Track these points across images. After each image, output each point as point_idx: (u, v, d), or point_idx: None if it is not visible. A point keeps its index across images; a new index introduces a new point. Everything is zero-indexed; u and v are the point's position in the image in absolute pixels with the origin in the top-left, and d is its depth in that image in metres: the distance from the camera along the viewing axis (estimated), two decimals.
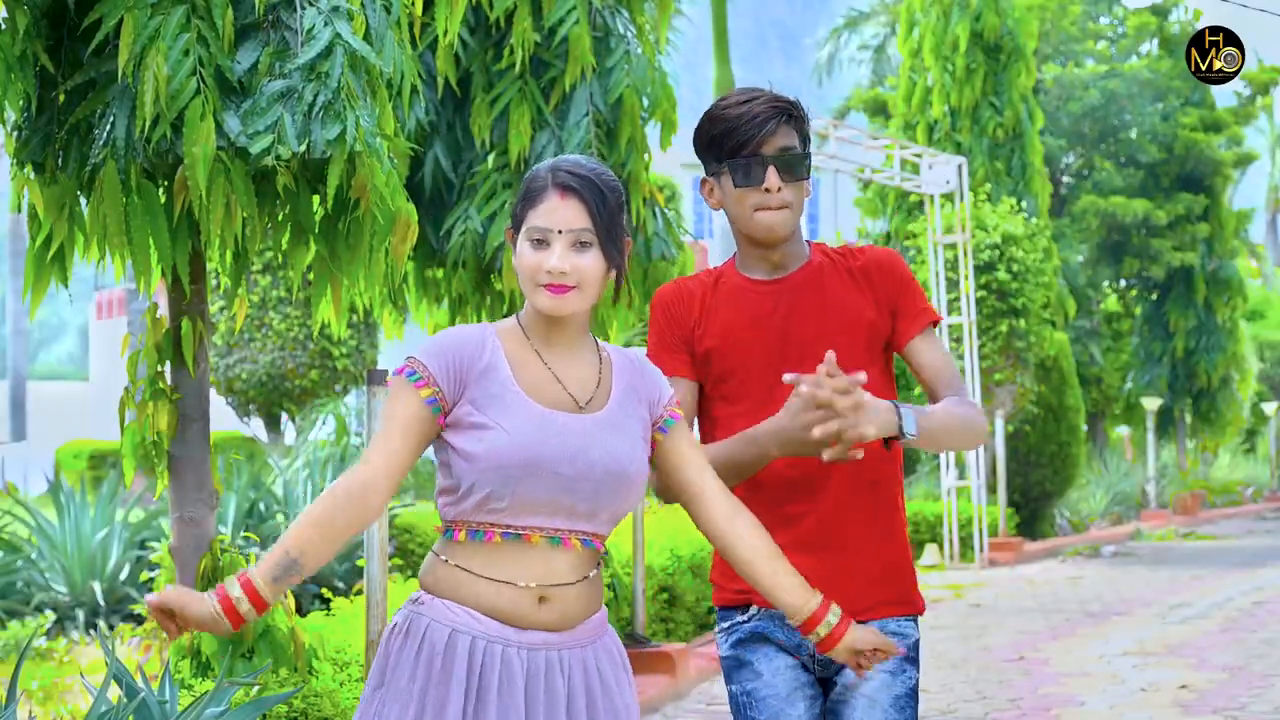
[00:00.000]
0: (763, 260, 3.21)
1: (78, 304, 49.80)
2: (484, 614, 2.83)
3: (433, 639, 2.83)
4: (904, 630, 3.21)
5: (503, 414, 2.82)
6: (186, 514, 5.00)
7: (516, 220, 2.91)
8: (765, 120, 3.10)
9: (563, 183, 2.87)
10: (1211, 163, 25.07)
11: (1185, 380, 25.34)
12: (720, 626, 3.27)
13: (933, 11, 18.81)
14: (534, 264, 2.84)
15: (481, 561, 2.85)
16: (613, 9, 7.65)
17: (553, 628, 2.86)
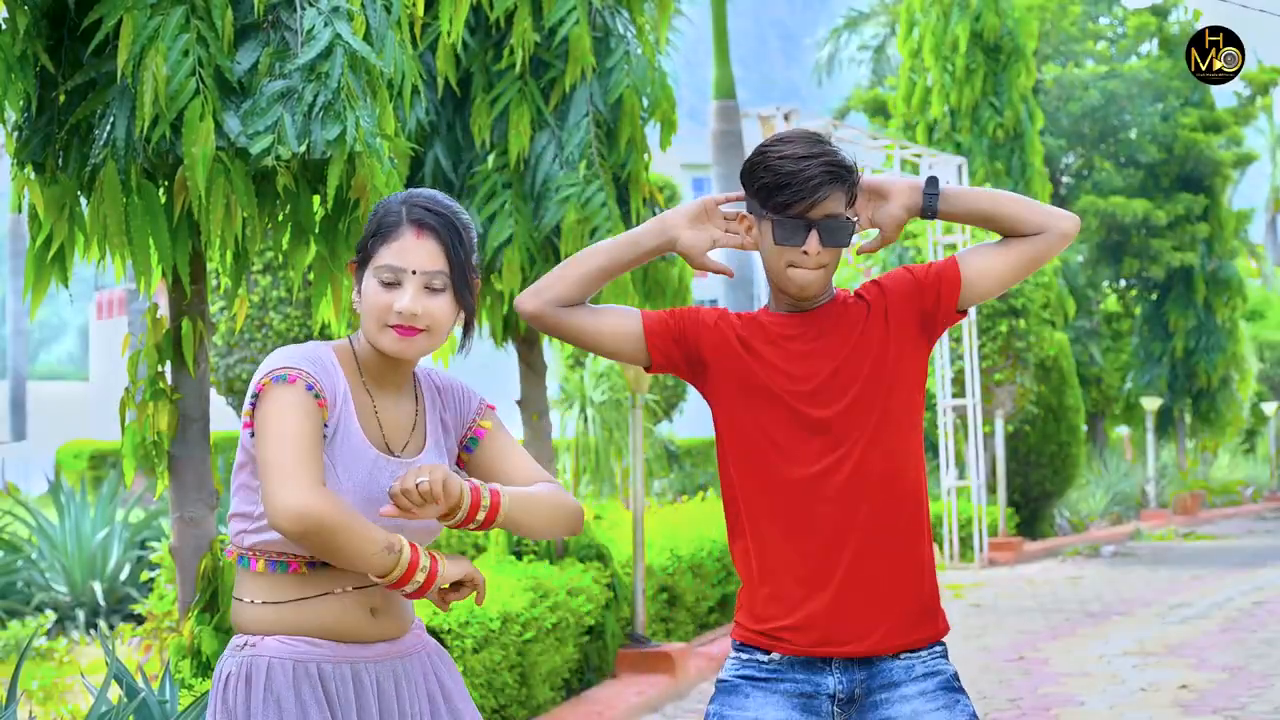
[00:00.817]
0: (791, 306, 3.19)
1: (78, 304, 49.80)
2: (321, 638, 2.71)
3: (275, 675, 2.67)
4: (938, 667, 3.16)
5: (341, 456, 2.70)
6: (187, 514, 5.00)
7: (364, 253, 2.76)
8: (818, 186, 3.05)
9: (419, 219, 2.73)
10: (1211, 163, 25.07)
11: (1185, 380, 25.34)
12: (736, 654, 3.19)
13: (933, 12, 18.81)
14: (383, 304, 2.70)
15: (288, 588, 2.71)
16: (613, 9, 7.65)
17: (389, 636, 2.77)
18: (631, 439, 8.89)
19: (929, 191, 3.17)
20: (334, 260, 4.76)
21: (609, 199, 7.34)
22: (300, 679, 2.68)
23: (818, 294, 3.15)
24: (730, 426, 3.17)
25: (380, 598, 2.75)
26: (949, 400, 16.07)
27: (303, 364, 2.70)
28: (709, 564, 10.04)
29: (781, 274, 3.12)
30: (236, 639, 2.75)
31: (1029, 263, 3.21)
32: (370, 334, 2.74)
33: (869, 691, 3.14)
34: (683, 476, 19.39)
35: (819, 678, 3.12)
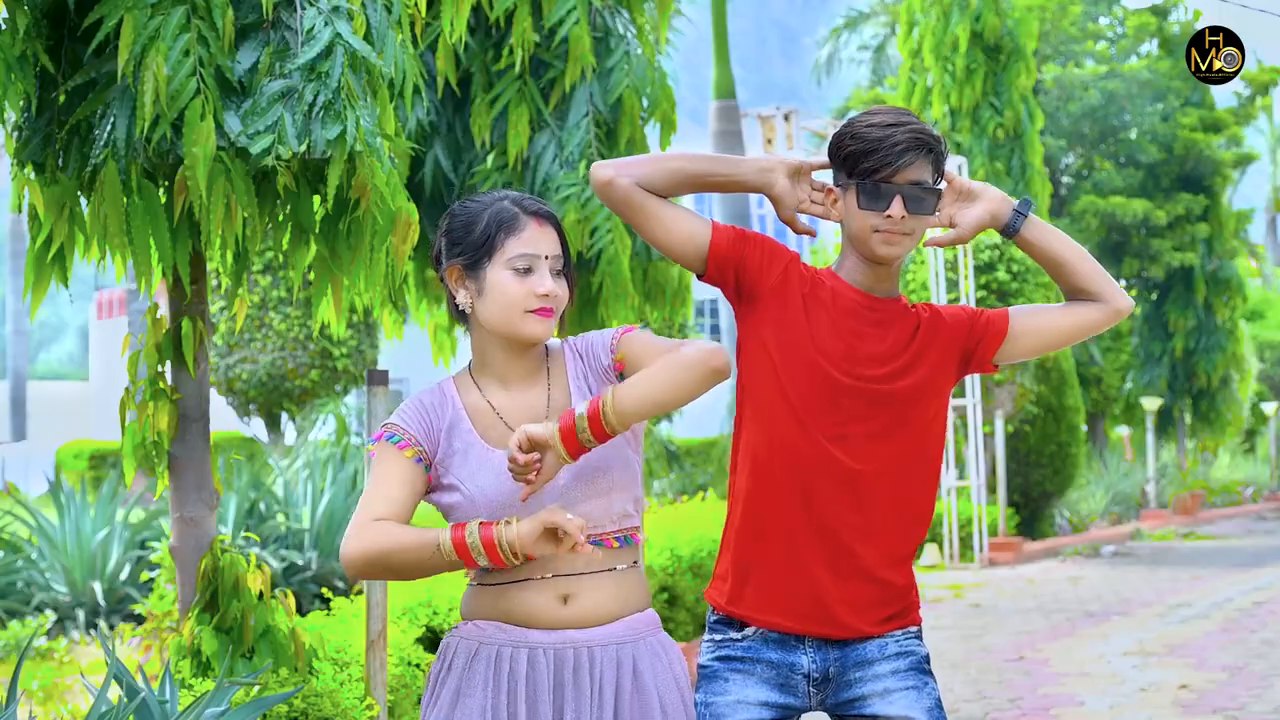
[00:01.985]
0: (865, 274, 3.21)
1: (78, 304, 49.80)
2: (509, 623, 2.91)
3: (459, 656, 2.92)
4: (911, 648, 3.22)
5: (464, 470, 2.90)
6: (186, 514, 5.00)
7: (484, 250, 2.88)
8: (905, 150, 3.11)
9: (537, 211, 2.91)
10: (1211, 163, 25.07)
11: (1185, 380, 25.34)
12: (710, 636, 3.25)
13: (933, 12, 18.81)
14: (524, 291, 2.86)
15: (495, 575, 2.93)
16: (613, 9, 7.65)
17: (580, 624, 2.90)
18: None
19: (1019, 210, 3.21)
20: (334, 260, 4.76)
21: None
22: (477, 660, 2.90)
23: (898, 259, 3.19)
24: (755, 372, 3.18)
25: (576, 584, 2.90)
26: (949, 400, 16.05)
27: (395, 418, 2.96)
28: (709, 564, 10.03)
29: (867, 239, 3.14)
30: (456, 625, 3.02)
31: (1077, 331, 3.24)
32: (506, 323, 2.89)
33: (843, 670, 3.18)
34: (683, 476, 19.39)
35: (792, 656, 3.16)
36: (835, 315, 3.17)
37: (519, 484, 2.85)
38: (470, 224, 2.91)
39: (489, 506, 2.88)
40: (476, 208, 2.93)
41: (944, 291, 16.07)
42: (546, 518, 2.77)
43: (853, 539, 3.14)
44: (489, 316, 2.90)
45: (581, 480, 2.93)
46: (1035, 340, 3.24)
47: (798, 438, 3.13)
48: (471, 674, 2.91)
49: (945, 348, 3.23)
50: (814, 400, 3.13)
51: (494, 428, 2.94)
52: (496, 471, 2.90)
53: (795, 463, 3.13)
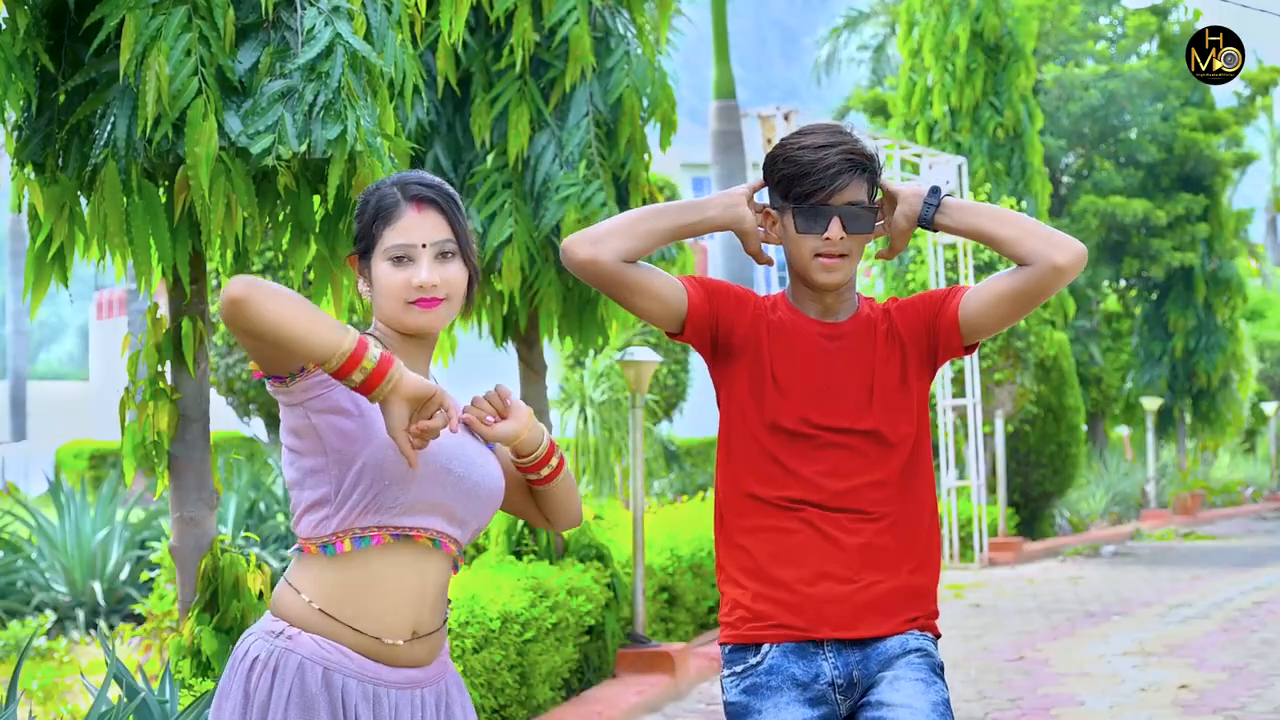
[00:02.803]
0: (815, 301, 3.18)
1: (78, 304, 49.79)
2: (356, 651, 2.71)
3: (308, 679, 2.68)
4: (926, 646, 3.22)
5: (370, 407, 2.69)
6: (186, 514, 5.00)
7: (367, 240, 2.78)
8: (838, 174, 3.07)
9: (417, 195, 2.77)
10: (1211, 163, 25.06)
11: (1185, 380, 25.33)
12: (729, 670, 3.16)
13: (933, 11, 18.80)
14: (400, 282, 2.73)
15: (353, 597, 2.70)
16: (613, 9, 7.65)
17: (420, 663, 2.78)
18: (631, 439, 8.89)
19: (928, 201, 3.14)
20: (334, 260, 4.76)
21: (609, 199, 7.34)
22: (328, 687, 2.68)
23: (841, 285, 3.14)
24: (739, 418, 3.16)
25: (425, 617, 2.76)
26: (949, 400, 16.06)
27: None
28: (709, 564, 10.04)
29: (806, 265, 3.11)
30: (271, 623, 2.73)
31: (1019, 298, 3.13)
32: (391, 316, 2.77)
33: (867, 673, 3.13)
34: (683, 476, 19.40)
35: (815, 665, 3.10)
36: (800, 356, 3.15)
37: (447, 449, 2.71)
38: (360, 212, 2.81)
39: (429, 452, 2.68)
40: (365, 196, 2.81)
41: None
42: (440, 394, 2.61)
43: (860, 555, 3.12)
44: (378, 310, 2.79)
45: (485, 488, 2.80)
46: (986, 314, 3.16)
47: (785, 479, 3.12)
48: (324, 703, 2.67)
49: (909, 349, 3.19)
50: (796, 445, 3.12)
51: None
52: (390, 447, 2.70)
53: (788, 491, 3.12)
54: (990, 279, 3.18)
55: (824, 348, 3.16)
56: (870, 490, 3.12)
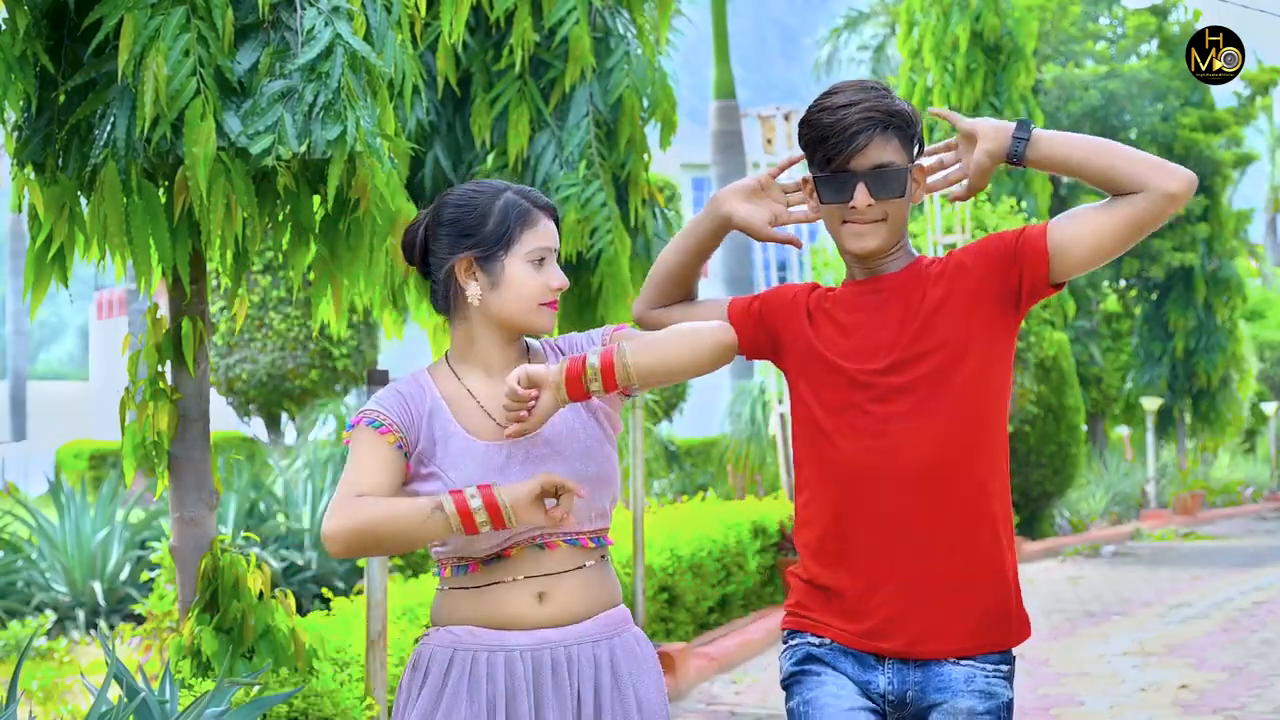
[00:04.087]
0: (860, 267, 3.02)
1: (78, 304, 49.80)
2: (483, 627, 2.87)
3: (435, 664, 2.88)
4: (996, 690, 2.93)
5: (445, 459, 2.86)
6: (186, 514, 5.00)
7: (500, 244, 2.86)
8: (856, 134, 2.88)
9: (545, 205, 2.93)
10: (1211, 163, 25.06)
11: (1185, 380, 25.33)
12: (787, 644, 3.05)
13: (933, 12, 18.80)
14: (541, 284, 2.88)
15: (465, 581, 2.91)
16: (613, 9, 7.65)
17: (556, 623, 2.88)
18: (631, 439, 8.89)
19: (1017, 135, 2.90)
20: (334, 260, 4.76)
21: (609, 199, 7.34)
22: (453, 667, 2.87)
23: (881, 251, 2.95)
24: (797, 401, 3.03)
25: (548, 583, 2.87)
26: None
27: (373, 404, 2.91)
28: (709, 564, 10.04)
29: (838, 234, 2.96)
30: (427, 631, 2.99)
31: (1127, 229, 2.85)
32: (519, 315, 2.88)
33: (922, 694, 2.92)
34: (683, 476, 19.39)
35: (868, 675, 2.93)
36: (838, 317, 2.98)
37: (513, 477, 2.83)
38: (484, 216, 2.89)
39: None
40: (484, 200, 2.90)
41: None
42: (545, 478, 2.76)
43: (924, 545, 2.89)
44: (502, 308, 2.88)
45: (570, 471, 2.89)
46: (1084, 249, 2.88)
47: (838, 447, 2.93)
48: (449, 682, 2.87)
49: (973, 296, 2.93)
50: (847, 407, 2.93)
51: (474, 416, 2.90)
52: (479, 460, 2.86)
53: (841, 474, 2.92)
54: (1081, 210, 2.92)
55: (866, 303, 2.97)
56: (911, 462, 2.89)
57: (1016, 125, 2.93)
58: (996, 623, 2.93)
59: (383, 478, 2.83)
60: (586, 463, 2.91)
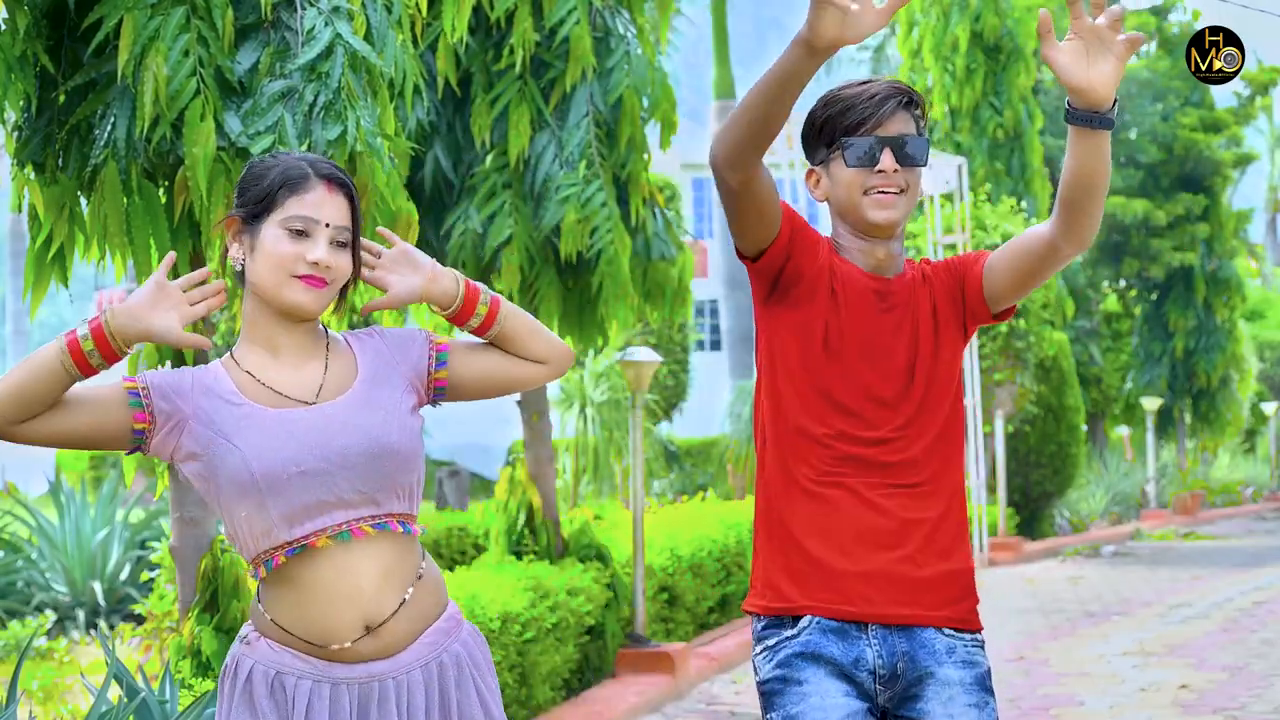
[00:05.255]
0: (867, 255, 2.99)
1: (78, 304, 49.77)
2: (308, 653, 2.69)
3: (257, 682, 2.69)
4: (976, 658, 2.98)
5: (232, 429, 2.66)
6: (187, 514, 5.00)
7: (261, 205, 2.69)
8: (884, 100, 2.94)
9: (329, 175, 2.72)
10: (1211, 163, 25.07)
11: (1185, 380, 25.34)
12: (762, 644, 2.96)
13: (933, 12, 18.81)
14: (293, 254, 2.67)
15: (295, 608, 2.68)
16: (613, 9, 7.65)
17: (381, 656, 2.70)
18: (631, 439, 8.89)
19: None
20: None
21: (609, 199, 7.33)
22: (275, 690, 2.68)
23: (897, 226, 2.96)
24: (790, 362, 2.97)
25: (374, 609, 2.68)
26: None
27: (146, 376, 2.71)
28: (709, 564, 10.04)
29: (858, 204, 2.94)
30: (244, 629, 2.77)
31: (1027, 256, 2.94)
32: (270, 287, 2.70)
33: (912, 664, 2.91)
34: (683, 476, 19.40)
35: (856, 649, 2.91)
36: (854, 312, 2.95)
37: (301, 444, 2.64)
38: (259, 177, 2.72)
39: (264, 468, 2.63)
40: (271, 162, 2.73)
41: None
42: (161, 272, 2.66)
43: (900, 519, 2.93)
44: (256, 277, 2.70)
45: (369, 453, 2.69)
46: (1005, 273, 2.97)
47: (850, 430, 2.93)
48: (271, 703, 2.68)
49: (944, 313, 3.01)
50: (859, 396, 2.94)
51: (262, 394, 2.71)
52: (269, 431, 2.65)
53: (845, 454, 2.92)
54: (1012, 241, 2.98)
55: (875, 306, 2.97)
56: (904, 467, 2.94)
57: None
58: (969, 595, 3.00)
59: (90, 394, 2.66)
60: (387, 430, 2.70)
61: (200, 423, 2.67)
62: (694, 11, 28.20)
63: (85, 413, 2.65)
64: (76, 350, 2.59)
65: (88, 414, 2.65)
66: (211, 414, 2.67)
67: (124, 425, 2.67)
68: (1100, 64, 2.78)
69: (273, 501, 2.63)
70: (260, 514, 2.64)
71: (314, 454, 2.65)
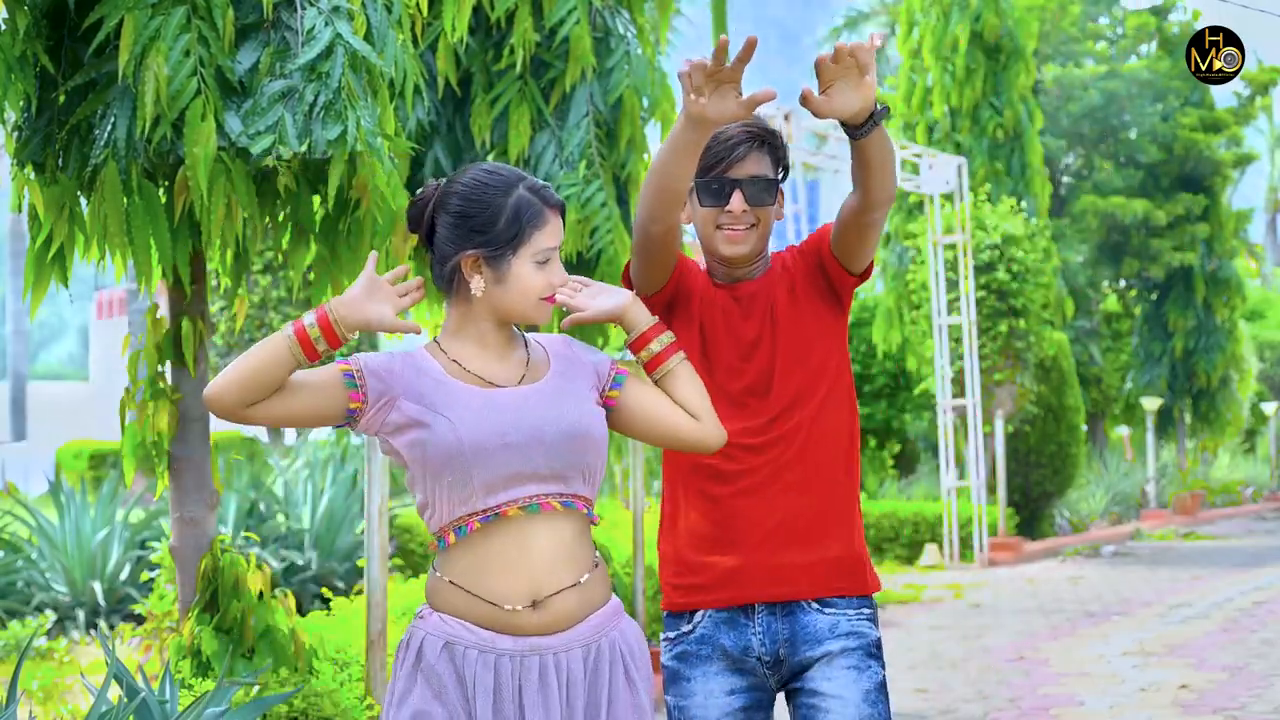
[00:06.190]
0: (727, 276, 3.30)
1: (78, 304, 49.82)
2: (476, 625, 2.91)
3: (428, 651, 2.91)
4: (861, 629, 3.22)
5: (443, 404, 2.91)
6: (187, 514, 5.00)
7: (506, 240, 2.93)
8: (736, 145, 3.18)
9: (556, 203, 2.98)
10: (1211, 163, 25.06)
11: (1185, 380, 25.33)
12: (666, 635, 3.29)
13: (933, 12, 18.80)
14: (544, 283, 2.96)
15: (473, 572, 2.91)
16: (613, 9, 7.65)
17: (546, 632, 2.91)
18: (631, 439, 8.88)
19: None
20: (334, 260, 4.76)
21: (609, 199, 7.34)
22: (446, 659, 2.90)
23: (749, 257, 3.24)
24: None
25: (545, 582, 2.90)
26: (949, 400, 16.06)
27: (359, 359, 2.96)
28: None
29: (712, 239, 3.24)
30: (420, 608, 3.00)
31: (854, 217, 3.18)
32: (523, 311, 2.97)
33: (793, 648, 3.18)
34: None
35: (744, 638, 3.19)
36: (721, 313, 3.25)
37: (503, 420, 2.89)
38: (495, 215, 2.94)
39: (472, 438, 2.88)
40: (494, 196, 2.94)
41: (944, 291, 16.08)
42: (370, 269, 2.92)
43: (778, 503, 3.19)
44: (504, 303, 2.96)
45: (564, 433, 2.94)
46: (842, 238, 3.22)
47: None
48: (441, 674, 2.90)
49: (806, 291, 3.27)
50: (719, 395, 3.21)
51: (468, 378, 2.98)
52: (475, 407, 2.91)
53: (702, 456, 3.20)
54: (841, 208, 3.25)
55: (730, 310, 3.26)
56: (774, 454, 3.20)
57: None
58: (854, 568, 3.23)
59: (309, 377, 2.92)
60: (580, 415, 2.95)
61: (410, 398, 2.91)
62: (694, 11, 28.21)
63: (306, 395, 2.90)
64: (304, 338, 2.87)
65: (308, 396, 2.90)
66: (422, 390, 2.92)
67: (340, 404, 2.92)
68: (857, 83, 2.97)
69: (478, 469, 2.87)
70: (464, 481, 2.87)
71: (517, 428, 2.90)
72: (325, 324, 2.88)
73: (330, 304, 2.91)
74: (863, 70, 2.94)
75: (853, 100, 2.96)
